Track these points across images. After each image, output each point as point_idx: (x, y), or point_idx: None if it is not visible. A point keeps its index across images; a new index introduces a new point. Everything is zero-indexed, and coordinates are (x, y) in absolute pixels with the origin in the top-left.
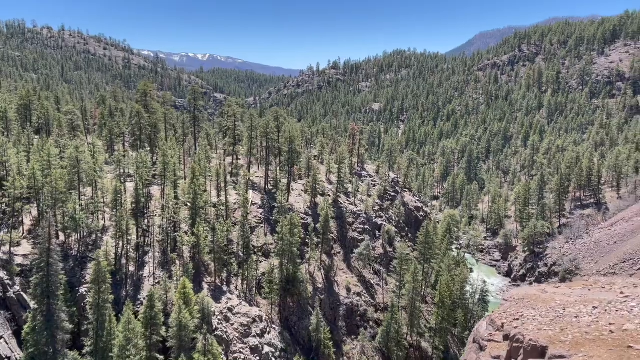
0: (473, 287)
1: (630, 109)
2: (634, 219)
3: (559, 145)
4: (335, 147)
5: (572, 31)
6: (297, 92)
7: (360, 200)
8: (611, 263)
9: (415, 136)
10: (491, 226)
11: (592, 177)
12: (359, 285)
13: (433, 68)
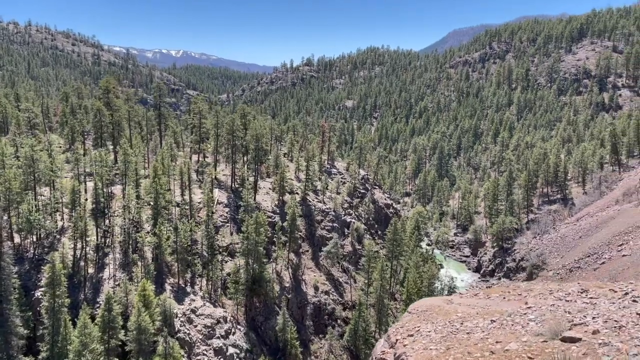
0: (441, 284)
1: (596, 105)
2: (599, 214)
3: (528, 142)
4: (305, 144)
5: (541, 29)
6: (271, 89)
7: (329, 198)
8: (576, 257)
9: (388, 133)
10: (461, 222)
11: (559, 173)
12: (327, 283)
13: (406, 65)
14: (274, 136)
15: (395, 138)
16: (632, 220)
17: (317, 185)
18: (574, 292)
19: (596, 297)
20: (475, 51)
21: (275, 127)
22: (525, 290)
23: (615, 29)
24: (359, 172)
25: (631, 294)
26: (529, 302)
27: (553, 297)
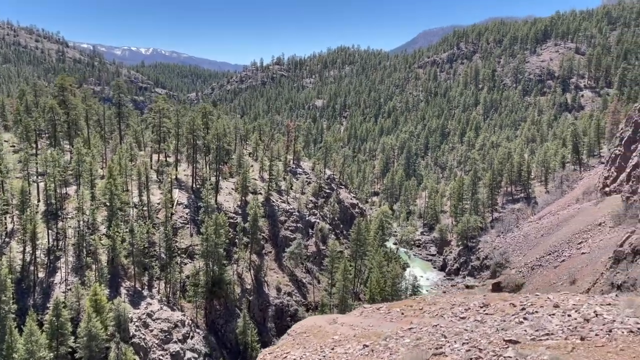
0: (406, 283)
1: (559, 106)
2: (560, 212)
3: (493, 141)
4: (270, 144)
5: (507, 30)
6: (241, 88)
7: (293, 198)
8: (538, 255)
9: (357, 132)
10: (428, 221)
11: (523, 173)
12: (290, 284)
13: (376, 65)
14: (239, 135)
15: (364, 137)
16: (591, 219)
17: (281, 186)
18: (474, 306)
19: (492, 313)
20: (444, 52)
21: (241, 127)
22: (428, 304)
23: (578, 31)
24: (325, 171)
25: (526, 310)
26: (414, 322)
27: (450, 313)
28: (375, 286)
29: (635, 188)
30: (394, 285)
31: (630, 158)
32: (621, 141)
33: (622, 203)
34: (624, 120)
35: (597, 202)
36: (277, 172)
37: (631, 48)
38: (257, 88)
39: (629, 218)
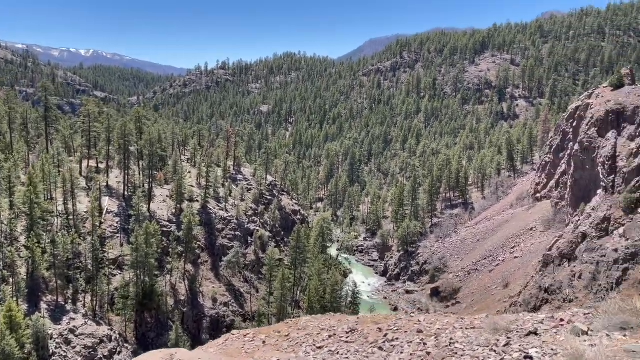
0: (345, 290)
1: (496, 114)
2: (495, 217)
3: (434, 149)
4: (209, 149)
5: (448, 41)
6: (184, 92)
7: (232, 206)
8: (474, 260)
9: (302, 139)
10: (370, 227)
11: (461, 179)
12: (227, 294)
13: (322, 72)
14: (176, 141)
15: (309, 143)
16: (523, 224)
17: (219, 193)
18: (342, 331)
19: (353, 341)
20: (387, 60)
21: (178, 132)
22: (298, 329)
23: (513, 43)
24: (266, 178)
25: (387, 337)
26: (255, 357)
27: (311, 341)
28: (314, 294)
29: (563, 194)
30: (333, 293)
31: (559, 165)
32: (551, 149)
33: (552, 208)
34: (553, 129)
35: (529, 207)
36: (214, 179)
37: (561, 60)
38: (201, 92)
39: (557, 223)
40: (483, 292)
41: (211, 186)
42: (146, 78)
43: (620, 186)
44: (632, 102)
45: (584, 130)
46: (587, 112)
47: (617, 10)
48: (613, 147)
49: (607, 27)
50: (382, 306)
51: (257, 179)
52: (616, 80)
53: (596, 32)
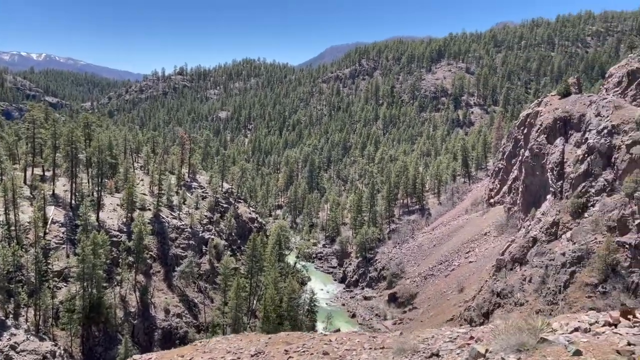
0: (302, 298)
1: (452, 122)
2: (451, 223)
3: (392, 155)
4: (164, 156)
5: (405, 49)
6: (140, 98)
7: (186, 214)
8: (430, 265)
9: (262, 145)
10: (329, 233)
11: (417, 185)
12: (180, 305)
13: (281, 78)
14: (129, 148)
15: (268, 150)
16: (477, 229)
17: (173, 201)
18: (247, 354)
19: None
20: (346, 67)
21: (131, 138)
22: (203, 352)
23: (468, 52)
24: (223, 185)
25: None
26: None
27: None
28: (270, 304)
29: (515, 199)
30: (290, 302)
31: (511, 171)
32: (503, 155)
33: (505, 213)
34: (505, 136)
35: (483, 212)
36: (168, 187)
37: (514, 69)
38: (158, 98)
39: (510, 227)
40: (439, 296)
41: (164, 194)
42: (101, 83)
43: (567, 191)
44: (578, 110)
45: (533, 137)
46: (536, 120)
47: (565, 22)
48: (561, 153)
49: (557, 37)
50: (340, 313)
51: (212, 187)
52: (563, 89)
53: (546, 42)
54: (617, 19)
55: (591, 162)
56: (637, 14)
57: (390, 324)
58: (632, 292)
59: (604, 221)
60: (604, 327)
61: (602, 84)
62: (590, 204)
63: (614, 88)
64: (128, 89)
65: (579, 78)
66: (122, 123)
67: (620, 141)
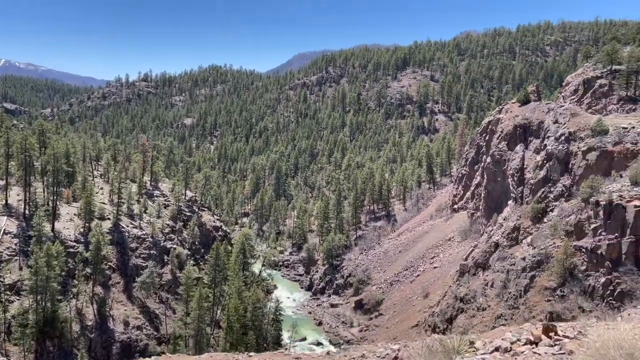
0: (267, 307)
1: (417, 129)
2: (416, 228)
3: (358, 162)
4: (125, 164)
5: (371, 57)
6: (103, 104)
7: (147, 223)
8: (396, 271)
9: (228, 152)
10: (296, 241)
11: (384, 191)
12: (141, 317)
13: (248, 85)
14: (88, 155)
15: (235, 157)
16: (442, 234)
17: (134, 210)
18: None
19: None
20: (313, 74)
21: (91, 146)
22: None
23: (433, 60)
24: (186, 193)
25: None
26: None
27: None
28: (234, 313)
29: (478, 205)
30: (255, 311)
31: (474, 177)
32: (466, 162)
33: (468, 219)
34: (468, 143)
35: (448, 218)
36: (128, 195)
37: (477, 77)
38: (121, 105)
39: (473, 233)
40: (404, 303)
41: (124, 203)
42: (62, 89)
43: (528, 197)
44: (537, 117)
45: (495, 144)
46: (497, 127)
47: (525, 32)
48: (521, 159)
49: (517, 46)
50: (306, 321)
51: (175, 195)
52: (523, 97)
53: (507, 51)
54: (574, 29)
55: (550, 168)
56: (593, 25)
57: (357, 331)
58: (589, 295)
59: (562, 226)
60: (525, 345)
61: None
62: (550, 209)
63: (570, 96)
64: (90, 96)
65: (538, 86)
66: (84, 130)
67: (577, 148)
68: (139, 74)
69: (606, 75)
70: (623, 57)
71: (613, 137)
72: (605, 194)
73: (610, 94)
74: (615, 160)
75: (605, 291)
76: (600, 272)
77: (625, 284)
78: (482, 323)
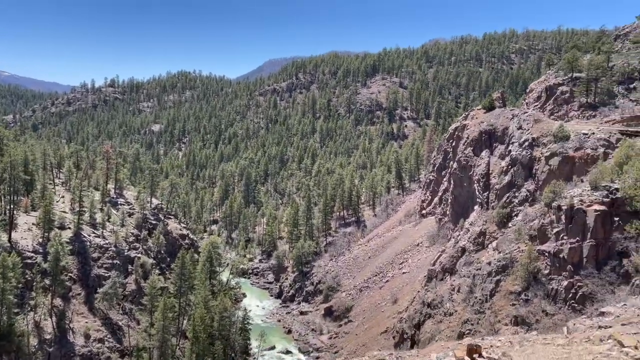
0: (235, 316)
1: (386, 135)
2: (385, 234)
3: (328, 168)
4: (87, 171)
5: (341, 63)
6: (68, 111)
7: (111, 232)
8: (365, 277)
9: (196, 159)
10: (266, 248)
11: (353, 197)
12: (103, 329)
13: (218, 91)
14: (49, 163)
15: (203, 164)
16: (410, 240)
17: (97, 218)
18: None
19: None
20: (283, 81)
21: (52, 153)
22: None
23: (401, 67)
24: (151, 201)
25: None
26: None
27: None
28: (200, 323)
29: (446, 210)
30: (222, 320)
31: (442, 183)
32: (434, 167)
33: (436, 224)
34: (436, 149)
35: (416, 223)
36: (91, 204)
37: (445, 84)
38: (87, 111)
39: (441, 238)
40: (373, 309)
41: (86, 211)
42: (26, 95)
43: (493, 202)
44: (502, 123)
45: (461, 150)
46: (463, 133)
47: (491, 39)
48: (486, 165)
49: (484, 54)
50: (276, 330)
51: (140, 203)
52: (488, 103)
53: (474, 58)
54: (538, 37)
55: (514, 173)
56: (556, 34)
57: (326, 338)
58: (552, 298)
59: (526, 230)
60: None
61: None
62: (514, 213)
63: (534, 102)
64: (54, 102)
65: (503, 93)
66: (47, 137)
67: (540, 153)
68: (106, 80)
69: (567, 83)
70: (583, 64)
71: (574, 143)
72: (567, 199)
73: (571, 100)
74: (577, 165)
75: (567, 294)
76: (563, 275)
77: (587, 287)
78: (449, 328)
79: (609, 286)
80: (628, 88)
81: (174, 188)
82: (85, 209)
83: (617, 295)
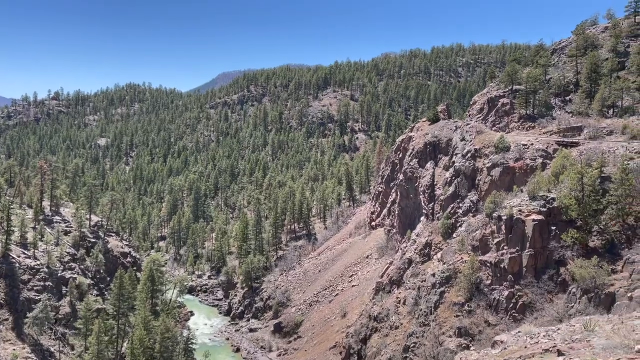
0: (178, 337)
1: (338, 147)
2: (336, 247)
3: (280, 181)
4: (20, 188)
5: (293, 76)
6: (8, 124)
7: (43, 252)
8: (315, 291)
9: (144, 173)
10: (215, 264)
11: (304, 210)
12: (32, 356)
13: (168, 104)
14: None
15: (151, 178)
16: (360, 252)
17: (28, 238)
18: None
19: None
20: (235, 93)
21: None
22: None
23: (352, 80)
24: (91, 218)
25: None
26: None
27: None
28: (138, 346)
29: (394, 222)
30: (163, 342)
31: (390, 194)
32: (383, 179)
33: (385, 236)
34: (384, 160)
35: (366, 235)
36: (21, 222)
37: (395, 97)
38: (28, 125)
39: (389, 249)
40: (323, 323)
41: (14, 231)
42: None
43: (438, 213)
44: (446, 135)
45: (407, 161)
46: (409, 145)
47: (439, 53)
48: (431, 176)
49: (432, 67)
50: (223, 348)
51: (78, 220)
52: (433, 115)
53: (423, 71)
54: (483, 51)
55: (458, 184)
56: (500, 48)
57: (275, 355)
58: (493, 309)
59: (469, 241)
60: None
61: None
62: (459, 224)
63: (477, 114)
64: None
65: (447, 105)
66: None
67: (482, 164)
68: (49, 92)
69: (508, 95)
70: (522, 77)
71: (514, 154)
72: (507, 209)
73: (512, 112)
74: (517, 175)
75: (508, 304)
76: (504, 285)
77: (527, 297)
78: (394, 342)
79: (547, 295)
80: (564, 100)
81: (115, 204)
82: (14, 228)
83: (555, 303)
